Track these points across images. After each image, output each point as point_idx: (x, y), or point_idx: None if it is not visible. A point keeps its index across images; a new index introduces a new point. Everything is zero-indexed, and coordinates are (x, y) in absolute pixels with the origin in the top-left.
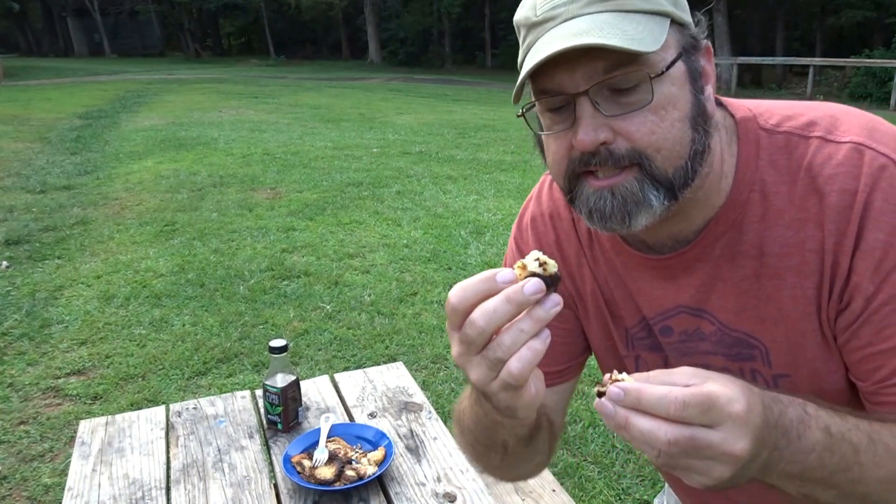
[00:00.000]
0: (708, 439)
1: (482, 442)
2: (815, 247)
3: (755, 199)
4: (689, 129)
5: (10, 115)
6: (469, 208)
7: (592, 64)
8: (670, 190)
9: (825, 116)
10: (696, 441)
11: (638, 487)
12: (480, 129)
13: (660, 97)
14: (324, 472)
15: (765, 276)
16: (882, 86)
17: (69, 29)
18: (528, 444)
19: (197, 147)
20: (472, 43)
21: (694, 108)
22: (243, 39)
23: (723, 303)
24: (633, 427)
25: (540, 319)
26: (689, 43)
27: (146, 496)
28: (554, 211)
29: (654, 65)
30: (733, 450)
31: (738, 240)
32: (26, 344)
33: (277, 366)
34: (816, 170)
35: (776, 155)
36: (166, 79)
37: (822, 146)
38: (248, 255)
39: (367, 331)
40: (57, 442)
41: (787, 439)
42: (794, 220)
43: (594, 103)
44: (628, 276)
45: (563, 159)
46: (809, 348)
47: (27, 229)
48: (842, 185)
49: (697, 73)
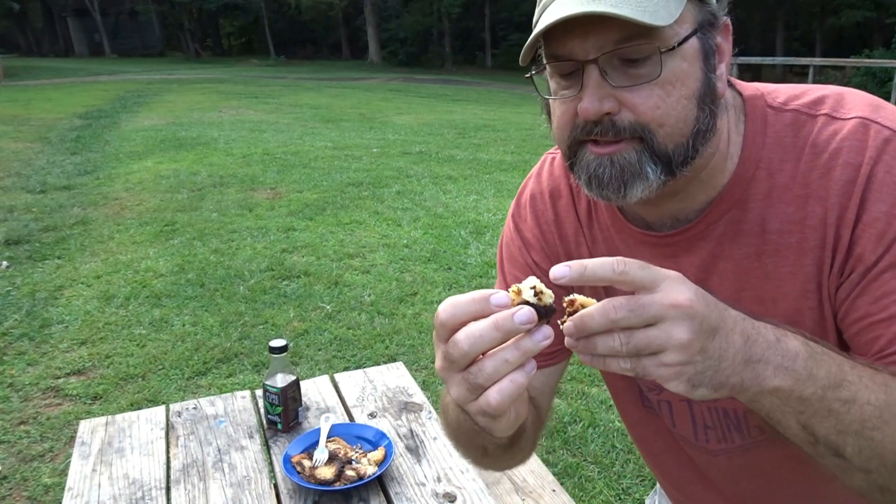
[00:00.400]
0: (650, 297)
1: (462, 442)
2: (816, 223)
3: (761, 177)
4: (695, 108)
5: (10, 115)
6: (469, 208)
7: (605, 33)
8: (668, 165)
9: (831, 95)
10: (639, 301)
11: (638, 487)
12: (480, 129)
13: (668, 72)
14: (324, 472)
15: (765, 254)
16: (882, 86)
17: (69, 29)
18: (509, 449)
19: (197, 147)
20: (472, 43)
21: (703, 86)
22: (243, 39)
23: (723, 282)
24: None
25: (527, 351)
26: (706, 19)
27: (146, 496)
28: (554, 189)
29: (667, 39)
30: (678, 299)
31: (742, 217)
32: (26, 344)
33: (277, 366)
34: (821, 146)
35: (783, 132)
36: (166, 79)
37: (827, 123)
38: (248, 255)
39: (367, 331)
40: (57, 442)
41: (764, 339)
42: (796, 196)
43: (602, 72)
44: (628, 254)
45: (566, 125)
46: (807, 326)
47: (27, 229)
48: (846, 158)
49: (711, 51)
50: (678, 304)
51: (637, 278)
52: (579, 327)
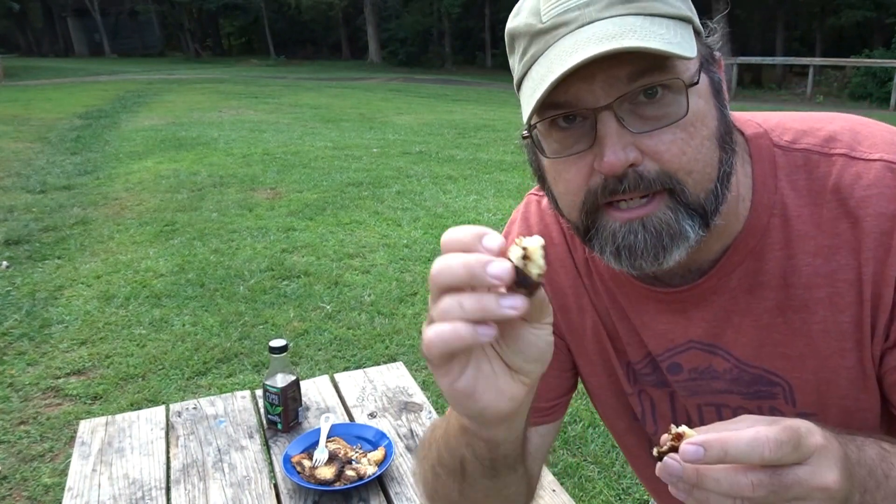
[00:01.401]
0: (796, 475)
1: (442, 461)
2: (850, 276)
3: (776, 224)
4: (717, 149)
5: (10, 115)
6: (469, 208)
7: (612, 72)
8: (704, 217)
9: (844, 130)
10: (783, 479)
11: (638, 487)
12: (480, 129)
13: (691, 113)
14: (324, 472)
15: (790, 309)
16: (882, 86)
17: (69, 29)
18: (490, 475)
19: (197, 147)
20: (472, 43)
21: (721, 124)
22: (243, 39)
23: (739, 337)
24: (709, 480)
25: (485, 307)
26: (708, 53)
27: (146, 496)
28: (546, 236)
29: (685, 74)
30: (825, 481)
31: (759, 269)
32: (26, 344)
33: (277, 366)
34: (846, 191)
35: (795, 175)
36: (166, 79)
37: (848, 164)
38: (248, 255)
39: (367, 331)
40: (57, 442)
41: (875, 480)
42: (822, 246)
43: (619, 118)
44: (631, 308)
45: (580, 189)
46: (842, 385)
47: (27, 229)
48: (876, 208)
49: (720, 86)
50: (826, 488)
51: (788, 461)
52: (693, 481)
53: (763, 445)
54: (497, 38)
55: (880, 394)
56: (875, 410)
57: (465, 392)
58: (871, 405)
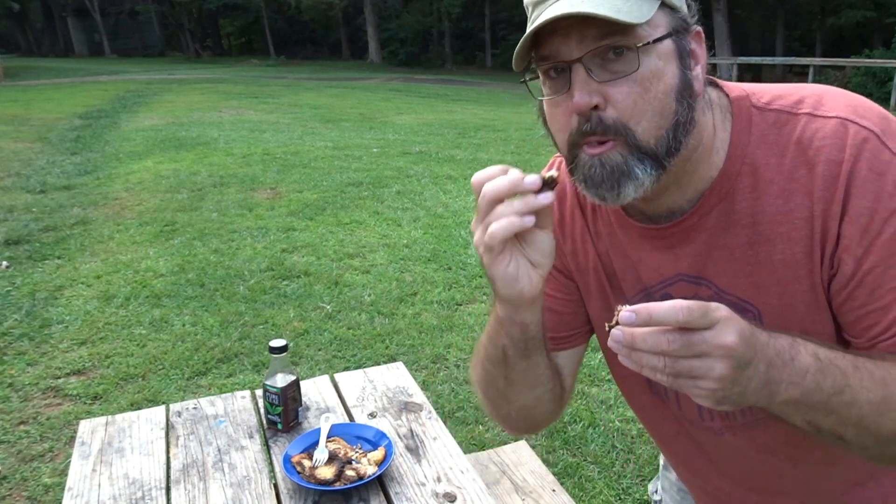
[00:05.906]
0: (702, 336)
1: (489, 356)
2: (803, 214)
3: (746, 171)
4: (673, 101)
5: (10, 115)
6: (469, 208)
7: (585, 32)
8: (655, 159)
9: (812, 95)
10: (692, 338)
11: (638, 487)
12: (480, 129)
13: (645, 69)
14: (324, 472)
15: (757, 243)
16: (882, 86)
17: (69, 29)
18: (524, 356)
19: (197, 147)
20: (472, 43)
21: (680, 82)
22: (243, 39)
23: (719, 269)
24: (638, 339)
25: (528, 203)
26: (679, 25)
27: (146, 496)
28: (560, 191)
29: (642, 38)
30: (725, 341)
31: (732, 209)
32: (26, 344)
33: (277, 366)
34: (805, 143)
35: (767, 131)
36: (166, 79)
37: (810, 121)
38: (248, 255)
39: (367, 331)
40: (57, 442)
41: (782, 360)
42: (783, 190)
43: (587, 69)
44: (630, 246)
45: (564, 127)
46: (799, 309)
47: (27, 229)
48: (828, 155)
49: (685, 52)
50: (725, 346)
51: (698, 325)
52: (629, 343)
53: (678, 311)
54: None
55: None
56: (829, 330)
57: (512, 276)
58: (826, 325)
